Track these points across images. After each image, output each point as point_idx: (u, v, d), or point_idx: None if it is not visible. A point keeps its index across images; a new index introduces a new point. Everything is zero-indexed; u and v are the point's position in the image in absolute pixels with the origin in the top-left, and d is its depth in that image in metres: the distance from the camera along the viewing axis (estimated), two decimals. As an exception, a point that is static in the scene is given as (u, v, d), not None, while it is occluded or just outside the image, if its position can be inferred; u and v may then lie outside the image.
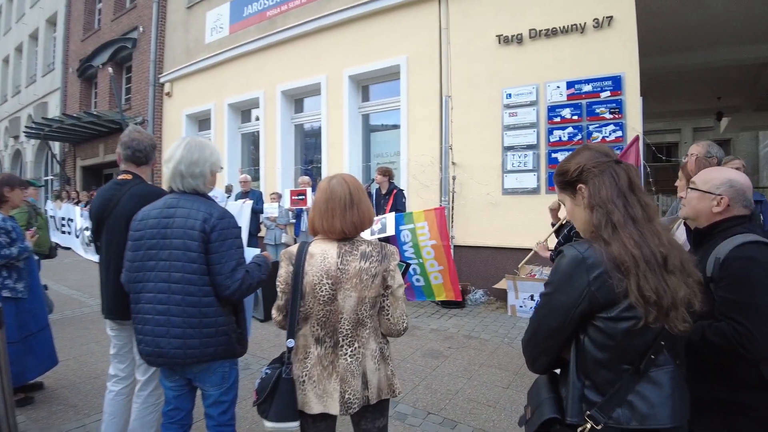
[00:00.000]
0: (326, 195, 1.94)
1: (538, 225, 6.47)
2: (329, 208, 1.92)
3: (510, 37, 6.76)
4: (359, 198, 1.98)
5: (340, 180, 1.99)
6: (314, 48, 8.76)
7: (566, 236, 4.28)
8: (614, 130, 6.18)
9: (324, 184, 1.98)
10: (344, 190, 1.95)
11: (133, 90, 13.56)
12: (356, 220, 1.96)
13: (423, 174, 7.32)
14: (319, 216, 1.95)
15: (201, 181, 2.33)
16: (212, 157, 2.37)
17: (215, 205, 2.32)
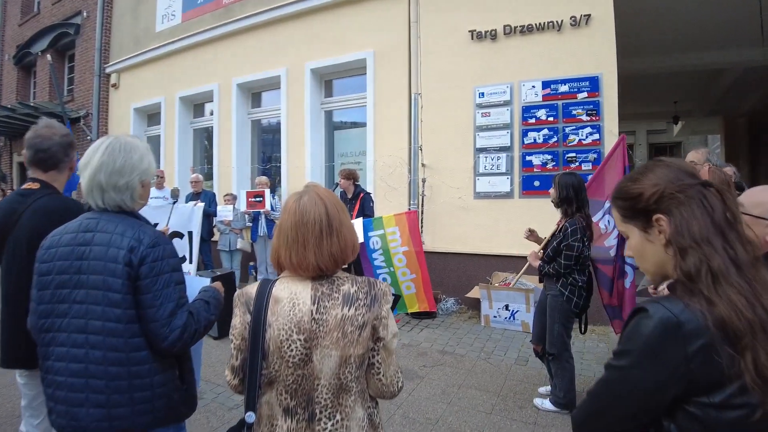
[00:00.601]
0: (295, 218, 1.44)
1: (511, 230, 6.08)
2: (300, 235, 1.42)
3: (483, 32, 6.33)
4: (340, 220, 1.49)
5: (314, 197, 1.47)
6: (274, 39, 8.09)
7: (555, 249, 3.85)
8: (591, 132, 5.84)
9: (291, 204, 1.48)
10: (319, 211, 1.45)
11: (76, 80, 12.40)
12: (336, 251, 1.45)
13: (391, 176, 6.79)
14: (285, 246, 1.44)
15: (128, 196, 1.74)
16: (143, 163, 1.78)
17: (146, 228, 1.74)
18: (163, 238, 1.75)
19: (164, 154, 9.75)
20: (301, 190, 1.55)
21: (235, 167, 8.54)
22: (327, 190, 1.57)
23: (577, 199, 3.72)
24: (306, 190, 1.52)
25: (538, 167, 6.04)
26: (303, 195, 1.49)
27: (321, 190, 1.53)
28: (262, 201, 7.12)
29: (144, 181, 1.80)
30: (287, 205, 1.49)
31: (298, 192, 1.53)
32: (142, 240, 1.65)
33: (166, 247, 1.71)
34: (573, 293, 3.60)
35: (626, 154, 4.24)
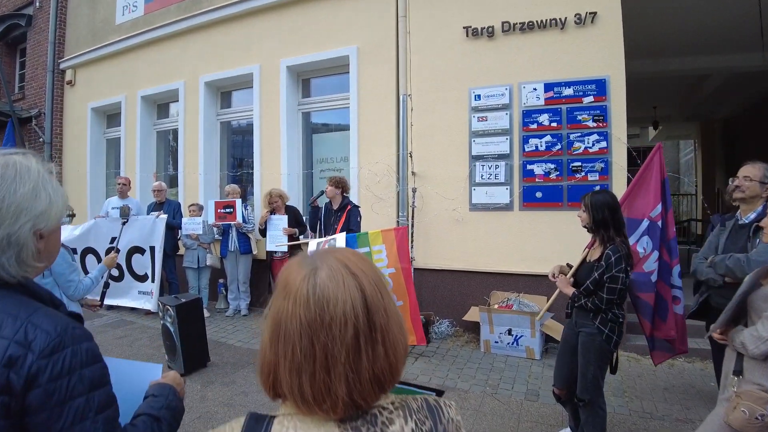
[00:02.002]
0: (309, 315, 0.78)
1: (511, 246, 5.42)
2: (320, 348, 0.77)
3: (480, 29, 5.63)
4: (385, 310, 0.83)
5: (339, 270, 0.82)
6: (246, 33, 7.19)
7: (596, 281, 3.18)
8: (598, 140, 5.22)
9: (298, 284, 0.81)
10: (353, 299, 0.79)
11: (27, 77, 11.12)
12: (383, 369, 0.80)
13: (377, 185, 6.02)
14: (290, 365, 0.79)
15: (9, 258, 1.01)
16: (37, 201, 1.04)
17: (42, 316, 0.99)
18: (75, 331, 0.98)
19: (125, 159, 8.70)
20: (308, 251, 0.91)
21: (202, 174, 7.61)
22: (353, 251, 0.89)
23: (614, 220, 3.07)
24: (320, 255, 0.86)
25: (540, 177, 5.38)
26: (317, 265, 0.82)
27: (344, 253, 0.87)
28: (232, 212, 6.27)
29: (43, 231, 1.03)
30: (288, 283, 0.82)
31: (305, 257, 0.88)
32: (33, 342, 0.94)
33: (79, 349, 0.97)
34: (613, 331, 2.95)
35: (663, 165, 3.61)
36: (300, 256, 0.88)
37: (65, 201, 1.12)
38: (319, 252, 0.88)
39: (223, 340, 5.60)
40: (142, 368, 1.41)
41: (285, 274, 0.84)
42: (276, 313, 0.80)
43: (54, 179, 1.10)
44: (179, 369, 4.52)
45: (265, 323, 0.84)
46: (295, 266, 0.84)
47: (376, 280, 0.82)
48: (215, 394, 4.15)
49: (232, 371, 4.66)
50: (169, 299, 4.72)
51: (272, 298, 0.84)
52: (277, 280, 0.87)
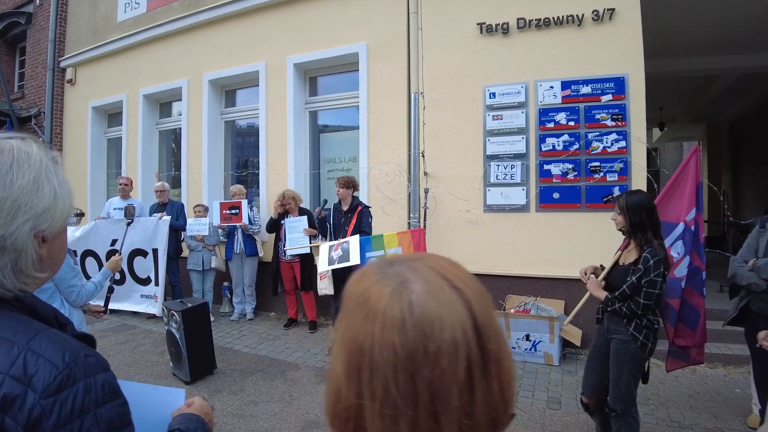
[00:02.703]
0: (406, 342, 0.57)
1: (527, 248, 5.21)
2: (421, 386, 0.56)
3: (494, 26, 5.42)
4: (495, 333, 0.61)
5: (435, 280, 0.62)
6: (251, 30, 6.95)
7: (633, 285, 2.98)
8: (617, 139, 5.02)
9: (386, 303, 0.60)
10: (462, 320, 0.58)
11: (27, 75, 10.87)
12: (497, 405, 0.59)
13: (388, 185, 5.79)
14: (384, 410, 0.57)
15: (6, 265, 0.80)
16: (40, 195, 0.81)
17: (46, 342, 0.76)
18: (87, 360, 0.78)
19: (126, 159, 8.45)
20: (382, 258, 0.78)
21: (206, 174, 7.37)
22: (443, 257, 0.70)
23: (651, 222, 2.89)
24: (404, 262, 0.67)
25: (557, 177, 5.17)
26: (405, 276, 0.63)
27: (436, 260, 0.68)
28: (238, 213, 6.05)
29: (46, 233, 0.82)
30: (369, 299, 0.62)
31: (381, 266, 0.68)
32: (34, 377, 0.73)
33: (93, 383, 0.77)
34: (648, 338, 2.78)
35: (699, 168, 3.42)
36: (373, 265, 0.68)
37: (73, 197, 0.90)
38: (398, 259, 0.68)
39: (229, 345, 5.36)
40: (163, 394, 1.20)
41: (359, 287, 0.64)
42: (354, 339, 0.60)
43: (60, 170, 0.88)
44: (185, 376, 4.29)
45: (336, 350, 0.64)
46: (373, 277, 0.64)
47: (482, 294, 0.63)
48: (224, 404, 3.92)
49: (241, 378, 4.43)
50: (175, 304, 4.49)
51: (343, 318, 0.65)
52: (346, 294, 0.67)
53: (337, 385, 0.62)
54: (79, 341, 0.82)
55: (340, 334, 0.65)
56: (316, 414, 3.72)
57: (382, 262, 0.71)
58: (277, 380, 4.39)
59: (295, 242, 5.45)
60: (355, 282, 0.69)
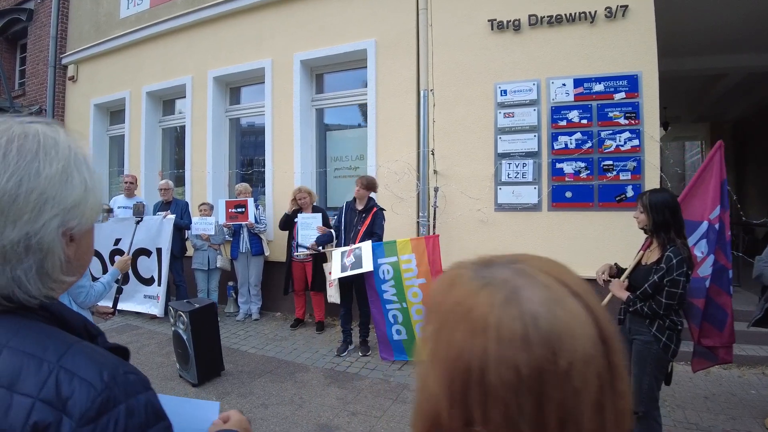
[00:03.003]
0: (533, 359, 0.49)
1: (539, 248, 5.10)
2: (556, 408, 0.48)
3: (505, 22, 5.33)
4: (618, 342, 0.54)
5: (554, 286, 0.54)
6: (257, 26, 6.84)
7: (655, 284, 2.89)
8: (630, 138, 4.93)
9: (499, 314, 0.51)
10: (590, 332, 0.51)
11: (28, 72, 10.72)
12: (624, 426, 0.52)
13: (397, 184, 5.69)
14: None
15: (28, 270, 0.69)
16: (69, 186, 0.70)
17: (80, 358, 0.64)
18: (128, 377, 0.67)
19: (129, 157, 8.33)
20: (467, 260, 0.64)
21: (210, 172, 7.26)
22: (553, 261, 0.63)
23: (675, 221, 2.82)
24: (507, 265, 0.60)
25: (570, 176, 5.08)
26: (515, 282, 0.55)
27: (544, 262, 0.62)
28: (244, 212, 5.94)
29: (75, 230, 0.71)
30: (472, 310, 0.54)
31: (477, 269, 0.61)
32: (69, 400, 0.63)
33: (135, 404, 0.67)
34: (671, 339, 2.71)
35: (723, 164, 3.32)
36: (461, 268, 0.61)
37: (103, 190, 0.80)
38: (492, 260, 0.62)
39: (235, 346, 5.26)
40: (197, 407, 1.11)
41: (453, 295, 0.56)
42: (458, 357, 0.52)
43: (90, 160, 0.78)
44: (192, 378, 4.19)
45: (429, 368, 0.56)
46: (470, 283, 0.56)
47: (598, 301, 0.56)
48: (233, 407, 3.78)
49: (249, 380, 4.33)
50: (182, 304, 4.38)
51: (434, 331, 0.57)
52: (433, 303, 0.60)
53: (434, 409, 0.53)
54: (114, 355, 0.72)
55: (434, 350, 0.57)
56: (328, 417, 3.62)
57: (473, 265, 0.62)
58: (287, 382, 4.29)
59: (308, 239, 5.32)
60: (444, 290, 0.60)
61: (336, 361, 4.80)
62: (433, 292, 0.65)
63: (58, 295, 0.74)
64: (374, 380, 4.33)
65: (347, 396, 3.99)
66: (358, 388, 4.15)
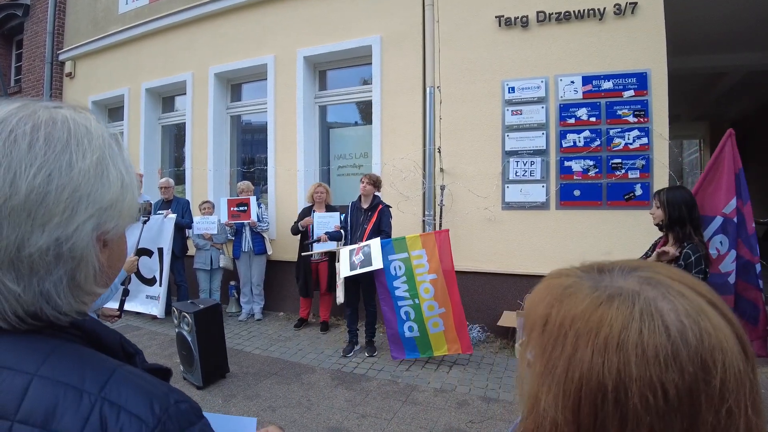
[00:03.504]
0: (685, 379, 0.43)
1: (546, 247, 5.05)
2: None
3: (513, 19, 5.24)
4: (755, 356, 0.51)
5: (691, 296, 0.48)
6: (259, 22, 6.71)
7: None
8: (639, 136, 4.86)
9: (634, 328, 0.46)
10: (736, 347, 0.46)
11: (24, 69, 10.55)
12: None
13: (403, 182, 5.60)
14: None
15: (61, 279, 0.58)
16: (106, 183, 0.60)
17: (124, 387, 0.55)
18: (180, 407, 0.59)
19: (128, 155, 8.17)
20: (575, 268, 0.58)
21: (211, 170, 7.14)
22: (675, 269, 0.54)
23: (691, 218, 2.79)
24: (630, 274, 0.52)
25: (578, 174, 5.01)
26: (648, 294, 0.49)
27: (668, 270, 0.54)
28: (246, 211, 5.84)
29: (110, 234, 0.62)
30: (602, 327, 0.47)
31: (587, 276, 0.55)
32: None
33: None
34: None
35: (737, 154, 3.24)
36: (581, 278, 0.54)
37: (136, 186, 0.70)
38: (605, 267, 0.55)
39: (239, 347, 5.16)
40: (234, 423, 1.02)
41: (571, 309, 0.50)
42: (588, 378, 0.46)
43: (125, 151, 0.69)
44: (197, 381, 4.09)
45: (546, 391, 0.50)
46: (590, 294, 0.50)
47: (733, 313, 0.51)
48: (239, 410, 3.72)
49: (255, 382, 4.23)
50: (186, 305, 4.27)
51: (547, 350, 0.51)
52: (544, 319, 0.53)
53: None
54: (158, 379, 0.62)
55: (548, 369, 0.50)
56: (337, 420, 3.53)
57: (586, 274, 0.55)
58: (293, 384, 4.20)
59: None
60: (553, 301, 0.53)
61: (342, 362, 4.71)
62: (534, 303, 0.57)
63: (89, 309, 0.65)
64: (382, 381, 4.24)
65: (356, 398, 3.91)
66: (366, 390, 4.06)
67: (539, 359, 0.51)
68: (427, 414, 3.61)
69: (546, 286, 0.57)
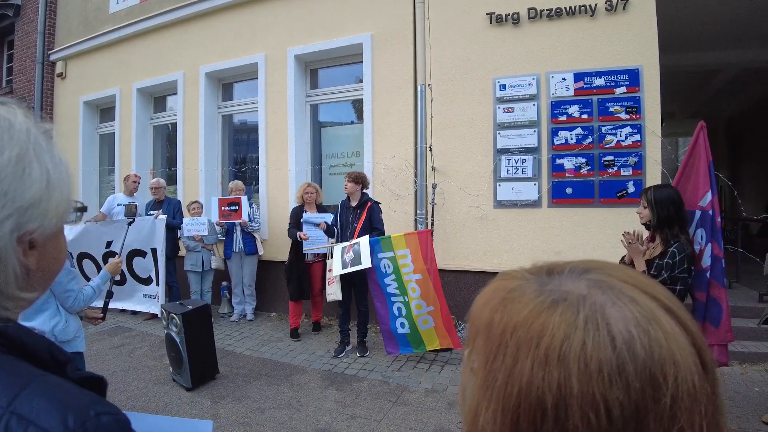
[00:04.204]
0: (630, 395, 0.39)
1: (539, 245, 5.02)
2: None
3: (504, 16, 5.20)
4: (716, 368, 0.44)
5: (643, 301, 0.43)
6: (250, 20, 6.66)
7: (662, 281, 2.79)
8: (631, 133, 4.84)
9: (577, 339, 0.41)
10: (691, 359, 0.42)
11: (15, 69, 10.48)
12: None
13: (394, 181, 5.56)
14: None
15: None
16: (28, 180, 0.55)
17: (37, 398, 0.51)
18: (101, 420, 0.53)
19: (119, 155, 8.13)
20: (526, 268, 0.54)
21: (203, 170, 7.09)
22: (629, 269, 0.49)
23: (679, 217, 2.78)
24: (581, 276, 0.48)
25: (570, 172, 4.97)
26: (596, 299, 0.44)
27: (622, 271, 0.49)
28: (237, 210, 5.79)
29: (35, 235, 0.56)
30: (543, 336, 0.42)
31: (536, 279, 0.50)
32: None
33: None
34: None
35: (708, 146, 3.21)
36: (526, 280, 0.50)
37: (72, 184, 0.65)
38: (555, 268, 0.50)
39: (230, 348, 5.11)
40: (189, 426, 0.98)
41: (515, 314, 0.45)
42: (527, 394, 0.41)
43: (55, 147, 0.64)
44: (186, 383, 4.04)
45: (485, 405, 0.45)
46: (535, 299, 0.46)
47: (691, 317, 0.46)
48: (228, 412, 3.67)
49: (244, 384, 4.19)
50: (174, 306, 4.22)
51: (491, 358, 0.46)
52: (487, 322, 0.48)
53: None
54: (85, 390, 0.58)
55: (487, 382, 0.46)
56: (326, 421, 3.49)
57: (531, 275, 0.50)
58: (283, 385, 4.15)
59: (315, 240, 5.14)
60: (496, 306, 0.48)
61: (333, 362, 4.67)
62: (478, 308, 0.52)
63: (15, 315, 0.60)
64: (373, 382, 4.20)
65: (346, 399, 3.86)
66: (357, 390, 4.02)
67: (481, 369, 0.47)
68: (418, 415, 3.57)
69: (493, 288, 0.52)
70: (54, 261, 0.64)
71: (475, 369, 0.49)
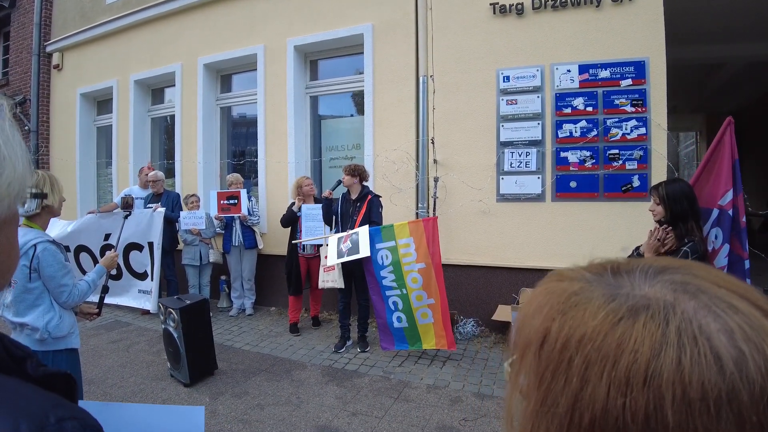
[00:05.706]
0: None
1: (542, 239, 4.95)
2: None
3: (508, 6, 5.10)
4: None
5: (753, 315, 0.33)
6: (249, 10, 6.54)
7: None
8: (636, 126, 4.75)
9: (675, 359, 0.32)
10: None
11: (11, 61, 10.33)
12: None
13: (395, 174, 5.48)
14: None
15: None
16: None
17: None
18: (63, 426, 0.45)
19: (117, 148, 8.03)
20: (584, 267, 0.45)
21: (201, 163, 7.00)
22: (711, 268, 0.40)
23: (693, 212, 2.68)
24: (659, 276, 0.38)
25: (574, 165, 4.89)
26: (686, 306, 0.34)
27: (708, 271, 0.39)
28: (237, 204, 5.70)
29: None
30: (622, 352, 0.33)
31: (603, 284, 0.39)
32: None
33: None
34: None
35: (734, 143, 3.12)
36: (589, 282, 0.42)
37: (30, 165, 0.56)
38: (631, 269, 0.42)
39: (228, 343, 5.04)
40: (181, 414, 0.93)
41: (578, 325, 0.37)
42: (601, 421, 0.33)
43: (8, 124, 0.55)
44: (184, 378, 3.97)
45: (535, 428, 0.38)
46: (606, 306, 0.37)
47: None
48: (227, 408, 3.61)
49: (243, 379, 4.12)
50: (172, 301, 4.15)
51: (545, 379, 0.38)
52: (534, 332, 0.41)
53: None
54: (45, 392, 0.50)
55: (550, 407, 0.37)
56: (327, 418, 3.42)
57: (595, 277, 0.42)
58: (283, 381, 4.09)
59: (312, 231, 5.06)
60: (556, 313, 0.40)
61: (334, 357, 4.60)
62: (528, 316, 0.43)
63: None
64: (374, 377, 4.14)
65: (346, 395, 3.80)
66: (358, 386, 3.96)
67: (534, 390, 0.39)
68: (420, 411, 3.51)
69: (545, 291, 0.43)
70: (6, 254, 0.56)
71: (524, 391, 0.41)
